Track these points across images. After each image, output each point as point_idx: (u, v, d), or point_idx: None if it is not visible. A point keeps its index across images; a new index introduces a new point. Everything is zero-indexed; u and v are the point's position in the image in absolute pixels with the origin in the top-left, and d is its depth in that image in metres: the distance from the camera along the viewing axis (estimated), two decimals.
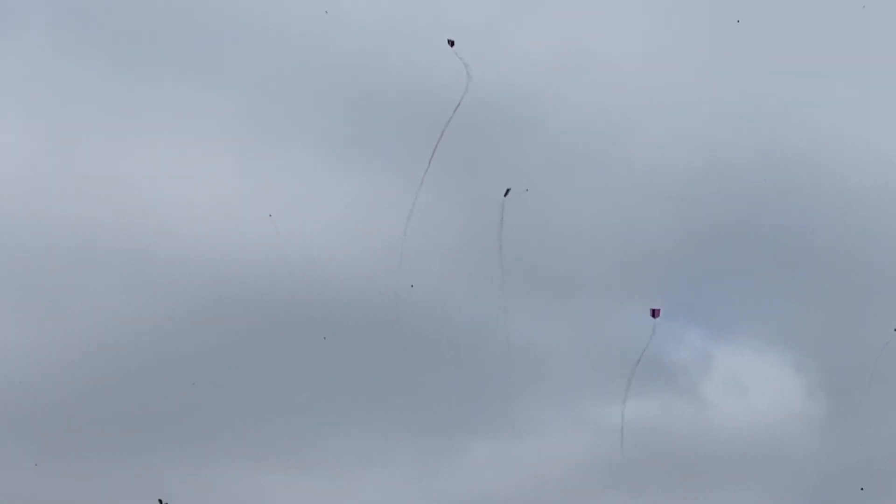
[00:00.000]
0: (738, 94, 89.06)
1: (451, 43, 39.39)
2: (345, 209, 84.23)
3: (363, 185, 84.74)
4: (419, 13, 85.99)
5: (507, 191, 71.78)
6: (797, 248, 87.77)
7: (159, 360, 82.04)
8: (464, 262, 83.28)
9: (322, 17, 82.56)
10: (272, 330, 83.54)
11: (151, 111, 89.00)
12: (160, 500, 46.66)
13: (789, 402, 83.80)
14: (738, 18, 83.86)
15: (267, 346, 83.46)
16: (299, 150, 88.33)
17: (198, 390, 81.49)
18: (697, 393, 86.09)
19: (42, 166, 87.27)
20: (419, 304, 79.25)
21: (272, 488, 75.88)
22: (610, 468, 78.06)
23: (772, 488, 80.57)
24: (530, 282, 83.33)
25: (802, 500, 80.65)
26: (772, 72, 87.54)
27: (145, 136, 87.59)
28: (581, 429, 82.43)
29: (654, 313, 75.16)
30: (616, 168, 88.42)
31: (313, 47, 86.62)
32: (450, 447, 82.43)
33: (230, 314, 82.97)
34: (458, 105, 71.10)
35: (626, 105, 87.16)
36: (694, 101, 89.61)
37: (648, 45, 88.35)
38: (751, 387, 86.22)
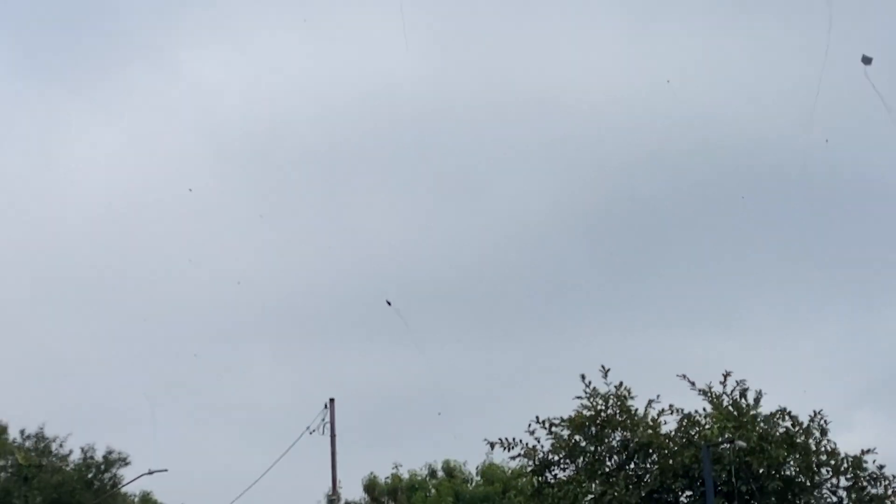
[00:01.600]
0: None
1: None
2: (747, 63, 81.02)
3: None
4: None
5: None
6: None
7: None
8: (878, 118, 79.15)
9: None
10: (688, 191, 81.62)
11: None
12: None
13: None
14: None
15: (685, 209, 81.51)
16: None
17: (619, 259, 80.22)
18: None
19: None
20: (833, 161, 76.56)
21: (694, 351, 72.85)
22: None
23: None
24: None
25: None
26: None
27: None
28: None
29: None
30: None
31: None
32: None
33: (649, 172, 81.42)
34: None
35: None
36: None
37: None
38: None
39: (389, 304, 41.60)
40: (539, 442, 30.93)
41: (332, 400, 40.99)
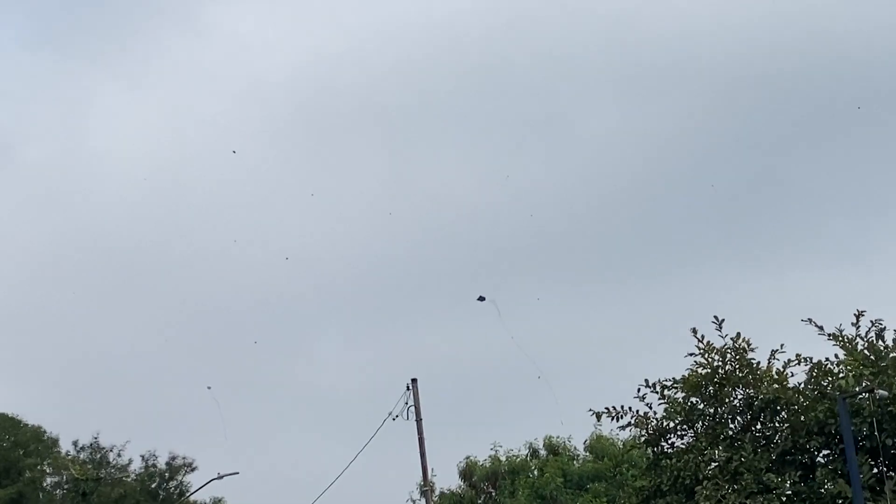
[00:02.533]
0: None
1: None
2: None
3: None
4: None
5: None
6: None
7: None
8: None
9: None
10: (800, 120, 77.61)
11: None
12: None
13: None
14: None
15: (799, 138, 78.01)
16: None
17: (726, 198, 76.42)
18: None
19: None
20: None
21: (819, 291, 69.48)
22: None
23: None
24: None
25: None
26: None
27: None
28: None
29: None
30: None
31: None
32: None
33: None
34: None
35: None
36: None
37: None
38: None
39: (483, 299, 38.47)
40: (651, 408, 28.55)
41: (414, 380, 37.68)
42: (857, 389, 26.22)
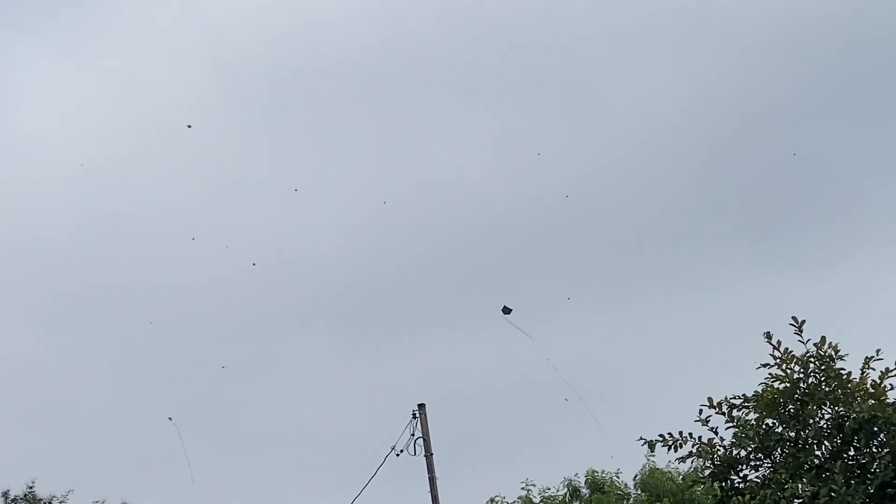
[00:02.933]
0: None
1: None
2: None
3: None
4: None
5: None
6: None
7: None
8: None
9: None
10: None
11: None
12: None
13: None
14: None
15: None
16: None
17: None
18: None
19: None
20: None
21: None
22: None
23: None
24: None
25: None
26: None
27: None
28: None
29: None
30: None
31: None
32: None
33: None
34: None
35: None
36: None
37: None
38: None
39: (509, 311, 33.69)
40: (717, 434, 23.83)
41: (421, 406, 32.83)
42: None
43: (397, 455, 31.95)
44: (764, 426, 23.42)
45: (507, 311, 33.07)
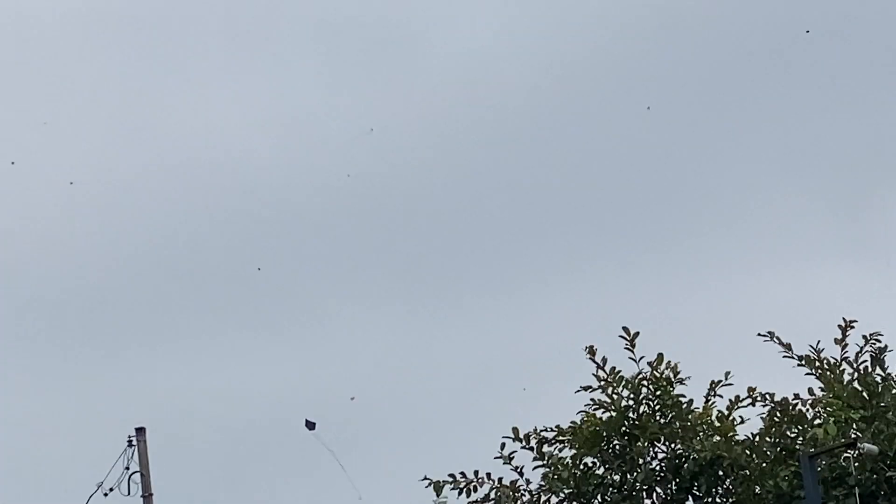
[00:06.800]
0: None
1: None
2: None
3: None
4: None
5: None
6: None
7: None
8: None
9: None
10: None
11: None
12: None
13: None
14: None
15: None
16: None
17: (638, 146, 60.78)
18: None
19: None
20: None
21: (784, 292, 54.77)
22: None
23: None
24: None
25: None
26: None
27: None
28: None
29: None
30: None
31: None
32: None
33: None
34: None
35: None
36: None
37: None
38: None
39: (313, 426, 28.41)
40: (521, 475, 19.89)
41: (140, 430, 26.96)
42: (833, 443, 18.31)
43: (105, 495, 26.06)
44: (582, 466, 19.64)
45: (310, 426, 27.51)
